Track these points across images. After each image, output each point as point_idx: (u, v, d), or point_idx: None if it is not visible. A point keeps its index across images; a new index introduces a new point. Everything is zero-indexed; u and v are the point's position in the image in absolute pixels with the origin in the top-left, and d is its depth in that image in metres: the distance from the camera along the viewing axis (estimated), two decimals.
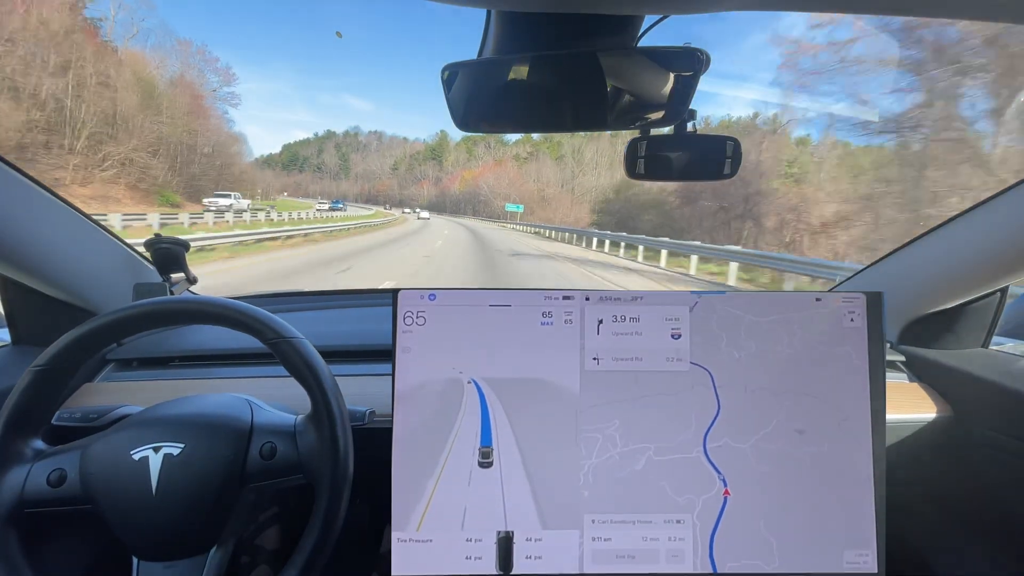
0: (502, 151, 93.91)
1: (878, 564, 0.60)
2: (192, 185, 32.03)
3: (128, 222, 14.07)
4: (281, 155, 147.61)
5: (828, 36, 15.98)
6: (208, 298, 0.61)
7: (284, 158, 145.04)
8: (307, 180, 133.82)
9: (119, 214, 14.82)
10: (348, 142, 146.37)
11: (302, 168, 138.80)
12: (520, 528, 0.60)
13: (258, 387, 0.82)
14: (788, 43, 21.16)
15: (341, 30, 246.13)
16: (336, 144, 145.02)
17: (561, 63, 0.61)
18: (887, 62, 12.12)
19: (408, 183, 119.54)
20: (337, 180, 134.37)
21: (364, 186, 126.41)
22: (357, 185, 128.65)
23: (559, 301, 0.63)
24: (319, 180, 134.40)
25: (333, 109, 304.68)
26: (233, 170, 39.34)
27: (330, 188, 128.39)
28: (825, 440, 0.62)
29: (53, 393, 0.56)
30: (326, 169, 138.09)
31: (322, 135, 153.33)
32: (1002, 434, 0.76)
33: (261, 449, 0.56)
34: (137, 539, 0.54)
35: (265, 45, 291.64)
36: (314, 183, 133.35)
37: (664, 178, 0.73)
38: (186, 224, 16.18)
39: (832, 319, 0.62)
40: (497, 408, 0.61)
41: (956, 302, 0.86)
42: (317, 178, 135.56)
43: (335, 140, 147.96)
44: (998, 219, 0.74)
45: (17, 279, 0.78)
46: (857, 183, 14.32)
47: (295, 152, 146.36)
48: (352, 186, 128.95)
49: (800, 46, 17.34)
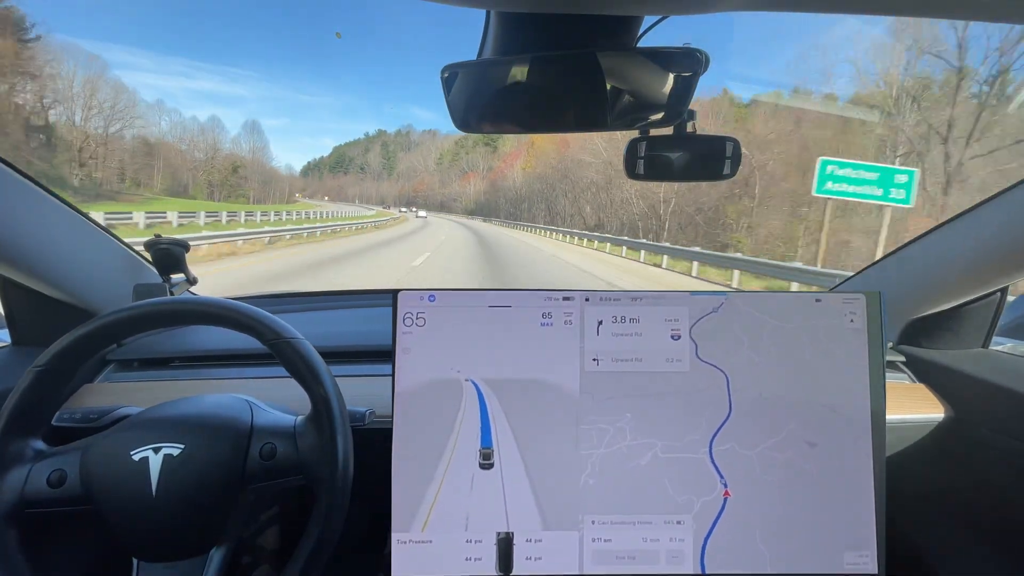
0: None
1: (878, 565, 0.60)
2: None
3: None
4: (330, 157, 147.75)
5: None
6: (208, 299, 0.61)
7: (331, 160, 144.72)
8: (349, 182, 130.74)
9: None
10: (399, 140, 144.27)
11: (347, 170, 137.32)
12: (520, 529, 0.60)
13: (258, 388, 0.82)
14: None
15: (414, 40, 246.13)
16: (384, 143, 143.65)
17: (561, 63, 0.61)
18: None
19: (451, 178, 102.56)
20: (379, 180, 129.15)
21: (404, 186, 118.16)
22: (398, 185, 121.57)
23: (559, 302, 0.63)
24: (360, 181, 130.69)
25: (395, 119, 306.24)
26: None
27: (370, 190, 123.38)
28: (836, 456, 0.61)
29: (53, 393, 0.56)
30: (369, 169, 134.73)
31: (373, 135, 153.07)
32: (1002, 434, 0.76)
33: (261, 450, 0.56)
34: (137, 540, 0.54)
35: (336, 59, 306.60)
36: (353, 186, 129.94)
37: (664, 178, 0.73)
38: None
39: (832, 320, 0.62)
40: (497, 409, 0.61)
41: (956, 302, 0.86)
42: (359, 179, 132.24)
43: (384, 139, 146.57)
44: (998, 219, 0.74)
45: (17, 280, 0.78)
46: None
47: (343, 153, 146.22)
48: (393, 186, 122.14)
49: None
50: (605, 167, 29.34)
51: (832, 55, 37.88)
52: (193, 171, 59.37)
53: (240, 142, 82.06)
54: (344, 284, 7.74)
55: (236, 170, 67.64)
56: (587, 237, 20.80)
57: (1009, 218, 0.72)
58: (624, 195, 25.45)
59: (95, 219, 0.86)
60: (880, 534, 0.60)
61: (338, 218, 29.65)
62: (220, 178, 64.02)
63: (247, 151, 78.92)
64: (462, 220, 48.88)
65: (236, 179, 66.93)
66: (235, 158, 70.83)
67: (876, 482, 0.61)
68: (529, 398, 0.61)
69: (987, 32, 15.15)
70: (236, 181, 66.55)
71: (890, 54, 17.66)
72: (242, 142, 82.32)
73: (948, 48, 15.65)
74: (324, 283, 8.05)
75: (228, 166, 66.87)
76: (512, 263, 11.71)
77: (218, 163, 65.47)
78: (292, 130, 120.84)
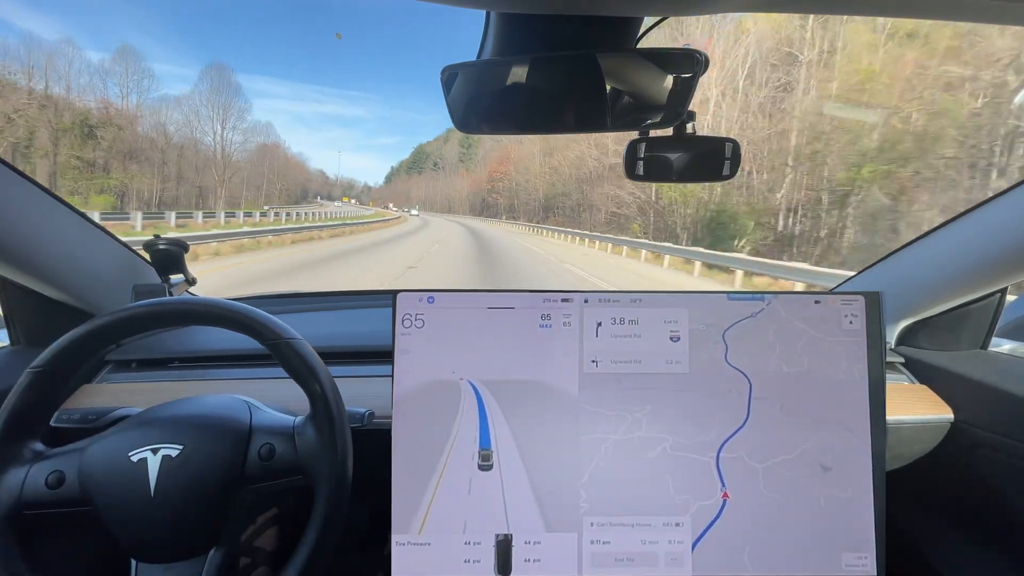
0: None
1: (877, 567, 0.60)
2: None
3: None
4: (409, 158, 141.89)
5: None
6: (207, 299, 0.61)
7: (409, 161, 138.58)
8: (417, 183, 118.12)
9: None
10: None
11: (422, 168, 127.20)
12: (519, 531, 0.60)
13: (257, 388, 0.82)
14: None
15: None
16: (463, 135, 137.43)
17: (560, 64, 0.61)
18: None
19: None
20: (453, 175, 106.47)
21: (473, 180, 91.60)
22: (468, 179, 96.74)
23: (558, 304, 0.63)
24: (433, 179, 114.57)
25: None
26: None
27: (435, 191, 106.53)
28: (851, 484, 0.60)
29: (52, 394, 0.56)
30: (443, 164, 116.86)
31: (452, 127, 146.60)
32: (1001, 435, 0.76)
33: (260, 450, 0.56)
34: (135, 541, 0.54)
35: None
36: (418, 187, 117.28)
37: (663, 179, 0.73)
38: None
39: (831, 321, 0.62)
40: (495, 411, 0.61)
41: (955, 303, 0.86)
42: (432, 177, 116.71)
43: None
44: (996, 221, 0.74)
45: (16, 280, 0.78)
46: None
47: (420, 151, 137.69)
48: (464, 181, 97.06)
49: None
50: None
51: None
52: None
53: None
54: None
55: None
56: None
57: (1007, 220, 0.72)
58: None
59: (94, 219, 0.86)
60: (879, 535, 0.60)
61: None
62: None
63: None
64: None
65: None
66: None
67: (875, 483, 0.61)
68: (528, 400, 0.61)
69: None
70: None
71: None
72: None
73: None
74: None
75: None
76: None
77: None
78: (404, 146, 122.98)
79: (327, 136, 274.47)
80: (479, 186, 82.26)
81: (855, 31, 16.97)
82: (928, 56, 14.58)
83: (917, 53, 14.94)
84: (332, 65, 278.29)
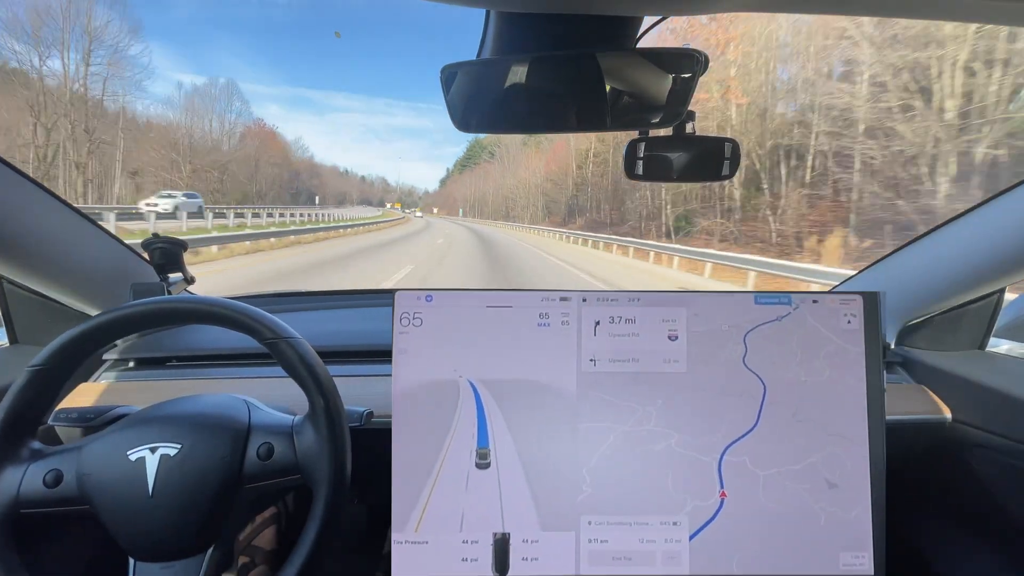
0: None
1: (875, 566, 0.60)
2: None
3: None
4: (464, 155, 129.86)
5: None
6: (205, 298, 0.61)
7: (464, 158, 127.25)
8: (469, 181, 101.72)
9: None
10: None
11: (476, 162, 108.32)
12: (517, 529, 0.60)
13: (256, 387, 0.81)
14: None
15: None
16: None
17: (560, 64, 0.61)
18: None
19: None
20: (513, 166, 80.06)
21: (548, 164, 54.65)
22: (539, 163, 58.87)
23: (556, 303, 0.63)
24: (486, 174, 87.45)
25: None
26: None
27: (486, 188, 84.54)
28: (849, 484, 0.59)
29: (50, 393, 0.56)
30: (500, 154, 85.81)
31: None
32: (998, 435, 0.76)
33: (258, 449, 0.56)
34: (133, 540, 0.54)
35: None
36: (461, 188, 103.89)
37: (663, 179, 0.73)
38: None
39: (830, 321, 0.62)
40: (493, 409, 0.61)
41: (953, 304, 0.86)
42: (485, 172, 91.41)
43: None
44: (995, 221, 0.74)
45: (14, 279, 0.78)
46: None
47: (478, 143, 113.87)
48: (528, 171, 58.50)
49: None
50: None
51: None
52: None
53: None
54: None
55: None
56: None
57: (1006, 220, 0.72)
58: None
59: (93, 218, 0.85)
60: (878, 535, 0.60)
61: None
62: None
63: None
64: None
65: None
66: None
67: (873, 483, 0.61)
68: (526, 398, 0.61)
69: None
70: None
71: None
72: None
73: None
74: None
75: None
76: None
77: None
78: (470, 157, 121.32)
79: (396, 147, 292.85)
80: (560, 174, 41.69)
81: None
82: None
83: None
84: (400, 76, 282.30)
